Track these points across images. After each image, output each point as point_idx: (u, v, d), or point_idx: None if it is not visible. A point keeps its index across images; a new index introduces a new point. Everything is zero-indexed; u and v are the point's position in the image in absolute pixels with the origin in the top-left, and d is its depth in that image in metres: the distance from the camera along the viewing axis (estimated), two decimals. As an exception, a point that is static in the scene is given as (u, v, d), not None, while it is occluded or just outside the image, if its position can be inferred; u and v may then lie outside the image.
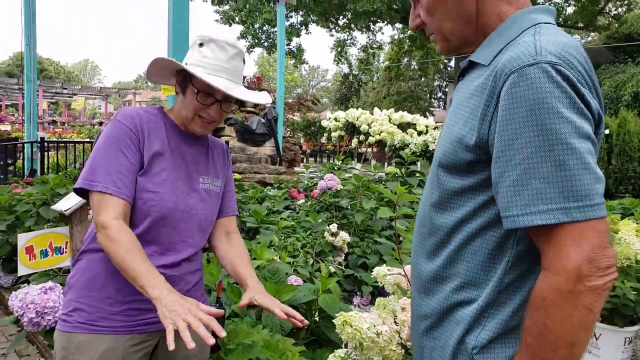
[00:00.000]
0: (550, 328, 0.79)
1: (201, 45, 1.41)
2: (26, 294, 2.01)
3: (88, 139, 13.35)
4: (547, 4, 24.14)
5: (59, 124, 24.34)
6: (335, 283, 2.18)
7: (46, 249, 2.58)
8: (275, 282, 1.98)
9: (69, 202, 2.45)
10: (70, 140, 10.72)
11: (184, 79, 1.42)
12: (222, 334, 1.08)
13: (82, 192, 1.35)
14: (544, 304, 0.80)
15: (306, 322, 1.40)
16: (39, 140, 7.20)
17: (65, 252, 2.50)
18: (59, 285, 2.29)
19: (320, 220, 3.96)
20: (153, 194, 1.35)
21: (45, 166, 7.26)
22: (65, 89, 24.66)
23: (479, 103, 0.88)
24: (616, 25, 21.84)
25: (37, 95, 7.44)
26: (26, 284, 2.20)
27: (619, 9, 24.73)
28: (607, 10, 24.93)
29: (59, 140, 11.02)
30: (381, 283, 2.09)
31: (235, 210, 1.66)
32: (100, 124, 22.46)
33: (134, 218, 1.35)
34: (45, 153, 7.33)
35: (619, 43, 17.43)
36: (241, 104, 1.46)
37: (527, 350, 0.84)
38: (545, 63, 0.80)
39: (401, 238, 2.55)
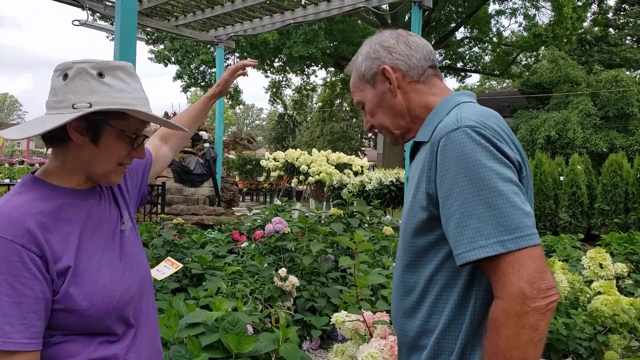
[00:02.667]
0: (501, 346, 0.91)
1: (101, 75, 1.06)
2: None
3: (8, 180, 12.47)
4: (467, 52, 26.18)
5: (-29, 162, 22.52)
6: (295, 332, 2.20)
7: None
8: (236, 334, 1.98)
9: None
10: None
11: (95, 124, 1.07)
12: None
13: None
14: (495, 326, 0.92)
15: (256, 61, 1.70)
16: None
17: None
18: None
19: (266, 264, 3.96)
20: (98, 295, 1.06)
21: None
22: (-19, 125, 23.04)
23: (424, 169, 1.06)
24: (527, 74, 24.05)
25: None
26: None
27: (529, 60, 27.30)
28: (519, 60, 27.44)
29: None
30: (339, 329, 2.13)
31: (149, 154, 1.40)
32: (22, 162, 21.04)
33: (93, 327, 1.06)
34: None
35: (531, 90, 19.12)
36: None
37: None
38: (464, 127, 0.99)
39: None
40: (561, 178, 10.47)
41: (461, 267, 0.99)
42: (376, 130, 1.32)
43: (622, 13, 23.26)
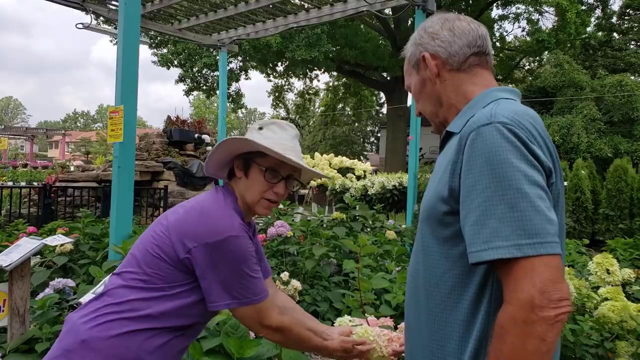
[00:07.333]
0: (505, 354, 0.87)
1: (260, 129, 1.44)
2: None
3: (11, 182, 12.48)
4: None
5: (-25, 165, 22.57)
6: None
7: (-19, 308, 2.37)
8: (238, 338, 1.95)
9: (10, 257, 2.29)
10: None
11: (247, 161, 1.42)
12: None
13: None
14: (501, 332, 0.88)
15: None
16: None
17: (3, 310, 2.31)
18: (-3, 348, 2.12)
19: (269, 268, 3.93)
20: None
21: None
22: (-15, 128, 23.13)
23: (449, 161, 1.02)
24: (530, 78, 24.01)
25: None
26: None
27: (532, 64, 27.29)
28: (522, 65, 27.43)
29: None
30: (343, 334, 2.09)
31: (270, 271, 1.72)
32: (25, 165, 21.09)
33: (191, 315, 1.37)
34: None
35: (534, 95, 19.09)
36: (292, 178, 1.49)
37: None
38: (497, 123, 0.95)
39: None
40: (565, 183, 10.41)
41: (474, 265, 0.95)
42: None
43: (626, 18, 23.25)
